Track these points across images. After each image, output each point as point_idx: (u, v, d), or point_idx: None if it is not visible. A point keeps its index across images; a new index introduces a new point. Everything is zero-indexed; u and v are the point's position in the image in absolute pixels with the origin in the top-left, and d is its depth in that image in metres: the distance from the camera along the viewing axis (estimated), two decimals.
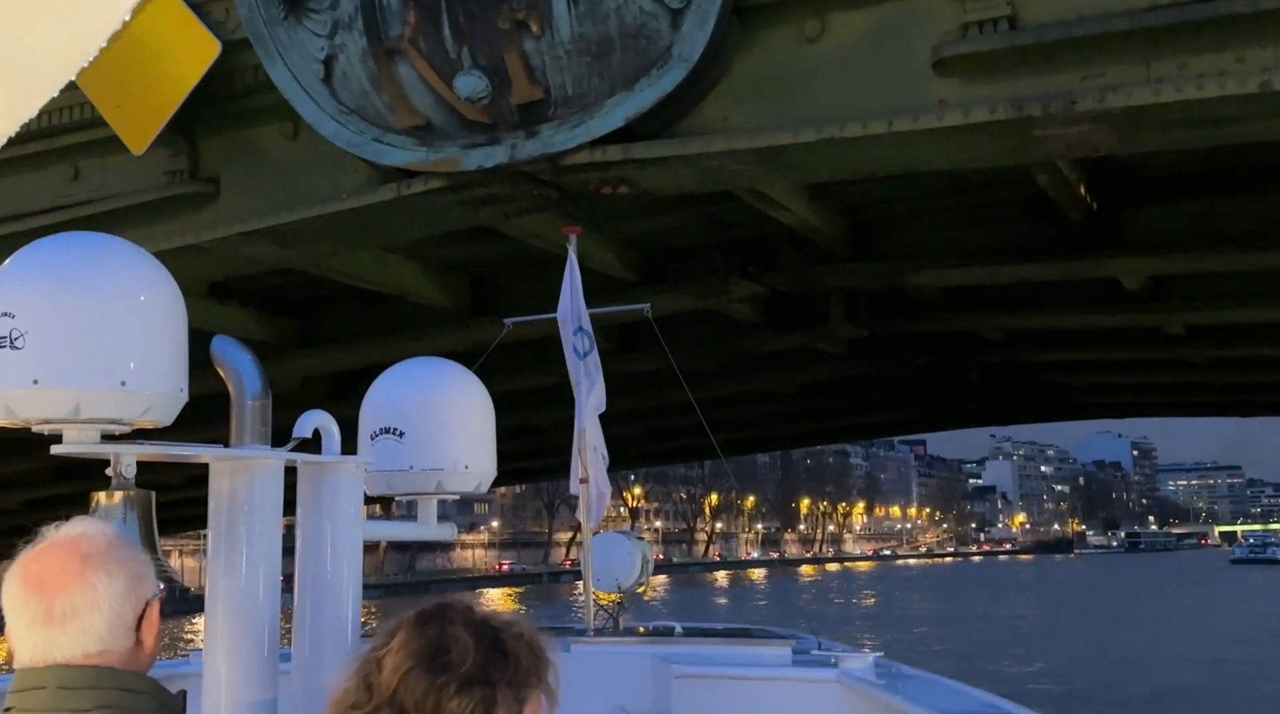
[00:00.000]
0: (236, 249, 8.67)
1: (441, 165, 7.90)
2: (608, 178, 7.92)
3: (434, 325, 12.17)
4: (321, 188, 8.37)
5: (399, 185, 8.06)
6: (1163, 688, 26.04)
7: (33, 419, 2.66)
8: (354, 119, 7.96)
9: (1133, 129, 6.96)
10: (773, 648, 5.69)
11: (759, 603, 63.98)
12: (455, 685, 1.58)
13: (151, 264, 2.77)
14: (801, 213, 10.02)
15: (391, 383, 3.69)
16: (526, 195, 8.29)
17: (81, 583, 1.76)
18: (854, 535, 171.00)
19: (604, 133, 7.56)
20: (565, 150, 7.66)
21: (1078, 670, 28.64)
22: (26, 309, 2.60)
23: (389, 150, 7.98)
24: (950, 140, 7.20)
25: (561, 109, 7.64)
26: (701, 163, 7.72)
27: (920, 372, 17.35)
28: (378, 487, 3.56)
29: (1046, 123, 6.81)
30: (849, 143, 7.23)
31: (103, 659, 1.77)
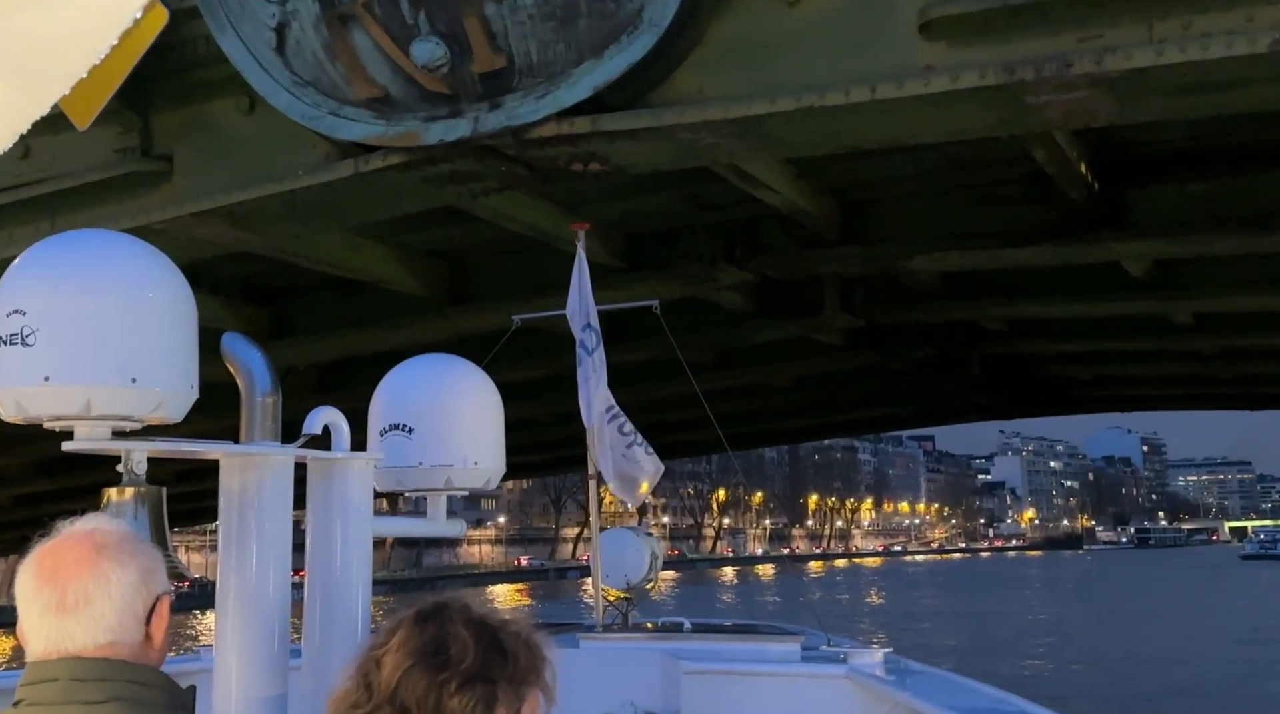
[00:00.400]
0: (190, 231, 8.21)
1: (401, 140, 7.44)
2: (577, 153, 7.45)
3: (411, 315, 11.71)
4: (278, 165, 7.92)
5: (357, 162, 7.60)
6: (1173, 686, 25.53)
7: (44, 416, 2.68)
8: (309, 91, 7.50)
9: (1134, 95, 6.46)
10: (782, 644, 5.62)
11: (767, 598, 63.54)
12: (456, 683, 1.58)
13: (161, 261, 2.78)
14: (788, 193, 9.52)
15: (401, 379, 3.69)
16: (493, 172, 7.82)
17: (94, 572, 1.78)
18: (862, 531, 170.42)
19: (571, 104, 7.08)
20: (530, 123, 7.18)
21: (1087, 669, 28.12)
22: (37, 306, 2.61)
23: (346, 124, 7.52)
24: (938, 109, 6.72)
25: (526, 79, 7.17)
26: (675, 136, 7.24)
27: (921, 364, 16.67)
28: (387, 483, 3.57)
29: (1040, 88, 6.32)
30: (830, 112, 6.75)
31: (113, 651, 1.78)
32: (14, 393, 2.64)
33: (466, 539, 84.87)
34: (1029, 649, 34.03)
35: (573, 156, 7.51)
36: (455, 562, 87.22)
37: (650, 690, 5.46)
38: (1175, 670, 28.11)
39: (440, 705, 1.58)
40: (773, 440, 32.92)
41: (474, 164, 7.64)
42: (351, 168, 7.61)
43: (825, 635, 6.11)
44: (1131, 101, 6.56)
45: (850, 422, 25.42)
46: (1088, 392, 20.86)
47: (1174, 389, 20.80)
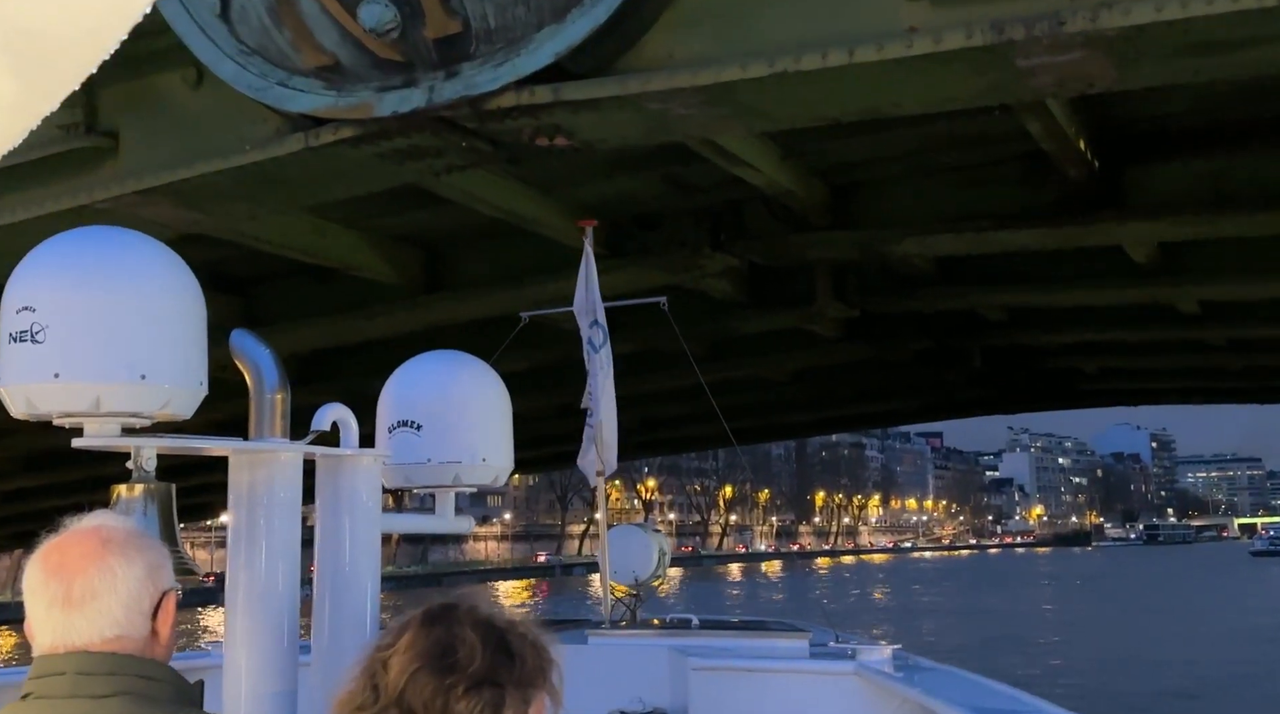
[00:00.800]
0: (135, 212, 7.73)
1: (352, 112, 6.96)
2: (540, 125, 6.96)
3: (385, 303, 11.24)
4: (226, 140, 7.44)
5: (307, 135, 7.12)
6: (1180, 686, 25.03)
7: (53, 413, 2.69)
8: (255, 60, 7.02)
9: (1132, 56, 5.96)
10: (790, 640, 5.62)
11: (774, 596, 63.11)
12: (463, 686, 1.58)
13: (171, 258, 2.80)
14: (772, 174, 9.02)
15: (409, 376, 3.70)
16: (454, 147, 7.34)
17: (101, 566, 1.80)
18: (869, 528, 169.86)
19: (531, 71, 6.59)
20: (489, 92, 6.69)
21: (1096, 668, 27.63)
22: (47, 303, 2.62)
23: (295, 95, 7.04)
24: (923, 75, 6.22)
25: (484, 45, 6.69)
26: (643, 106, 6.75)
27: (921, 357, 16.12)
28: (396, 480, 3.58)
29: (1031, 48, 5.82)
30: (806, 78, 6.25)
31: (120, 646, 1.79)
32: (24, 390, 2.66)
33: (472, 536, 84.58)
34: (1038, 647, 33.55)
35: (536, 129, 7.03)
36: (461, 558, 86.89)
37: (658, 686, 5.48)
38: (1183, 670, 27.59)
39: (447, 709, 1.58)
40: (772, 435, 32.25)
41: (431, 138, 7.16)
42: (301, 142, 7.13)
43: (833, 632, 6.05)
44: (1130, 64, 6.05)
45: (851, 416, 24.68)
46: (1093, 385, 20.10)
47: (1182, 382, 19.98)
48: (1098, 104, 8.39)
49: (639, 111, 6.84)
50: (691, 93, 6.54)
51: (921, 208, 10.04)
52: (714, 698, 5.21)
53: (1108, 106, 8.48)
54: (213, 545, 58.20)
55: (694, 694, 5.28)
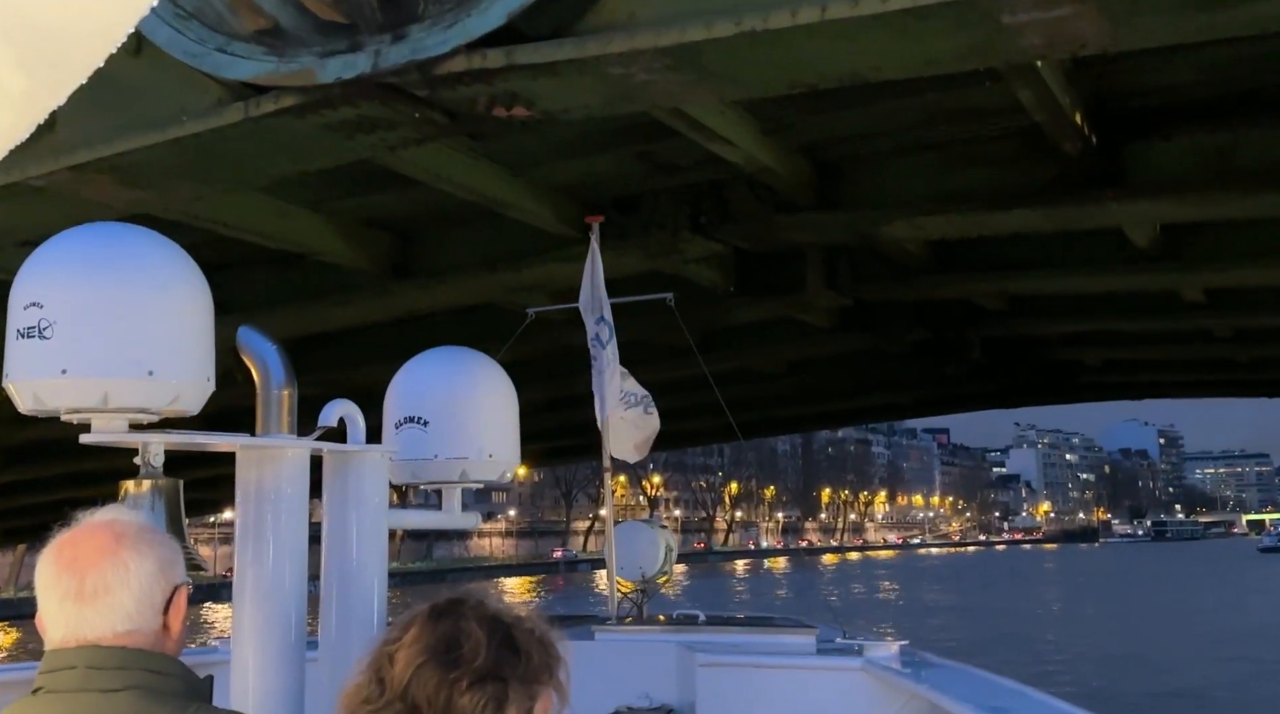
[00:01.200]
0: (76, 190, 7.31)
1: (294, 78, 6.50)
2: (496, 92, 6.49)
3: (354, 290, 10.77)
4: (167, 112, 6.99)
5: (248, 104, 6.68)
6: (1189, 687, 24.57)
7: (61, 408, 2.71)
8: (193, 25, 6.57)
9: (1128, 13, 5.49)
10: (797, 636, 5.61)
11: (780, 593, 62.72)
12: (467, 681, 1.58)
13: (178, 254, 2.82)
14: (752, 151, 8.52)
15: (415, 372, 3.75)
16: (406, 119, 6.88)
17: (114, 560, 1.82)
18: (876, 524, 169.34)
19: (483, 32, 6.13)
20: (438, 55, 6.23)
21: (1103, 669, 27.19)
22: (55, 299, 2.63)
23: (234, 62, 6.58)
24: (902, 32, 5.74)
25: (433, 6, 6.23)
26: (604, 70, 6.27)
27: (919, 348, 15.50)
28: (403, 476, 3.61)
29: (1018, 3, 5.35)
30: (776, 38, 5.78)
31: (131, 640, 1.81)
32: (32, 385, 2.67)
33: (477, 532, 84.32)
34: (1045, 645, 33.15)
35: (491, 98, 6.56)
36: (466, 554, 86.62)
37: (665, 682, 5.51)
38: (1191, 668, 27.14)
39: (451, 703, 1.57)
40: (768, 430, 31.46)
41: (381, 108, 6.69)
42: (241, 112, 6.68)
43: (840, 629, 6.03)
44: (1125, 21, 5.57)
45: (850, 411, 23.94)
46: (1097, 377, 19.27)
47: (1187, 374, 19.22)
48: (1094, 73, 7.89)
49: (600, 77, 6.36)
50: (654, 55, 6.06)
51: (911, 187, 9.45)
52: (721, 694, 5.22)
53: (1105, 76, 7.98)
54: (216, 542, 57.89)
55: (701, 690, 5.28)
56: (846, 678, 5.07)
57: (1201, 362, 17.70)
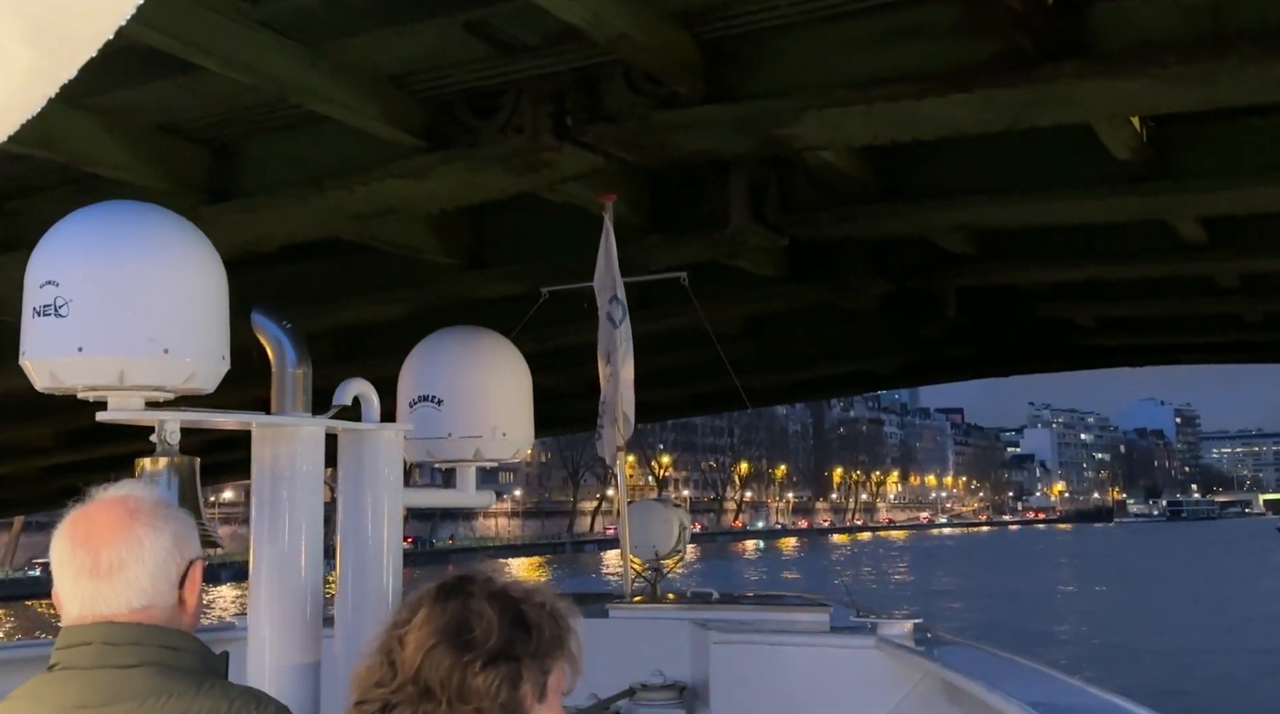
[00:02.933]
0: None
1: None
2: None
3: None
4: None
5: None
6: (1211, 675, 24.57)
7: (78, 386, 2.73)
8: None
9: None
10: (810, 614, 5.66)
11: (791, 576, 62.93)
12: (480, 662, 1.59)
13: (193, 232, 2.85)
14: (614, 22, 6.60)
15: (430, 351, 3.80)
16: None
17: (128, 537, 1.84)
18: (888, 504, 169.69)
19: None
20: None
21: (1125, 660, 27.19)
22: (70, 277, 2.65)
23: None
24: None
25: None
26: None
27: (887, 305, 13.05)
28: (417, 454, 3.66)
29: None
30: None
31: (147, 615, 1.84)
32: (48, 363, 2.69)
33: (483, 512, 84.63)
34: (1059, 628, 33.15)
35: None
36: (471, 535, 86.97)
37: (679, 660, 5.53)
38: (1211, 656, 27.13)
39: (464, 685, 1.58)
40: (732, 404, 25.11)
41: None
42: None
43: (853, 607, 6.05)
44: None
45: (822, 380, 20.24)
46: (1091, 339, 17.09)
47: (1191, 335, 16.67)
48: None
49: None
50: None
51: (822, 69, 7.38)
52: (735, 671, 5.26)
53: None
54: (215, 522, 58.23)
55: (715, 667, 5.32)
56: (860, 655, 5.08)
57: (1205, 319, 15.44)
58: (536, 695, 1.63)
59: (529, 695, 1.62)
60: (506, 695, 1.60)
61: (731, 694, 5.24)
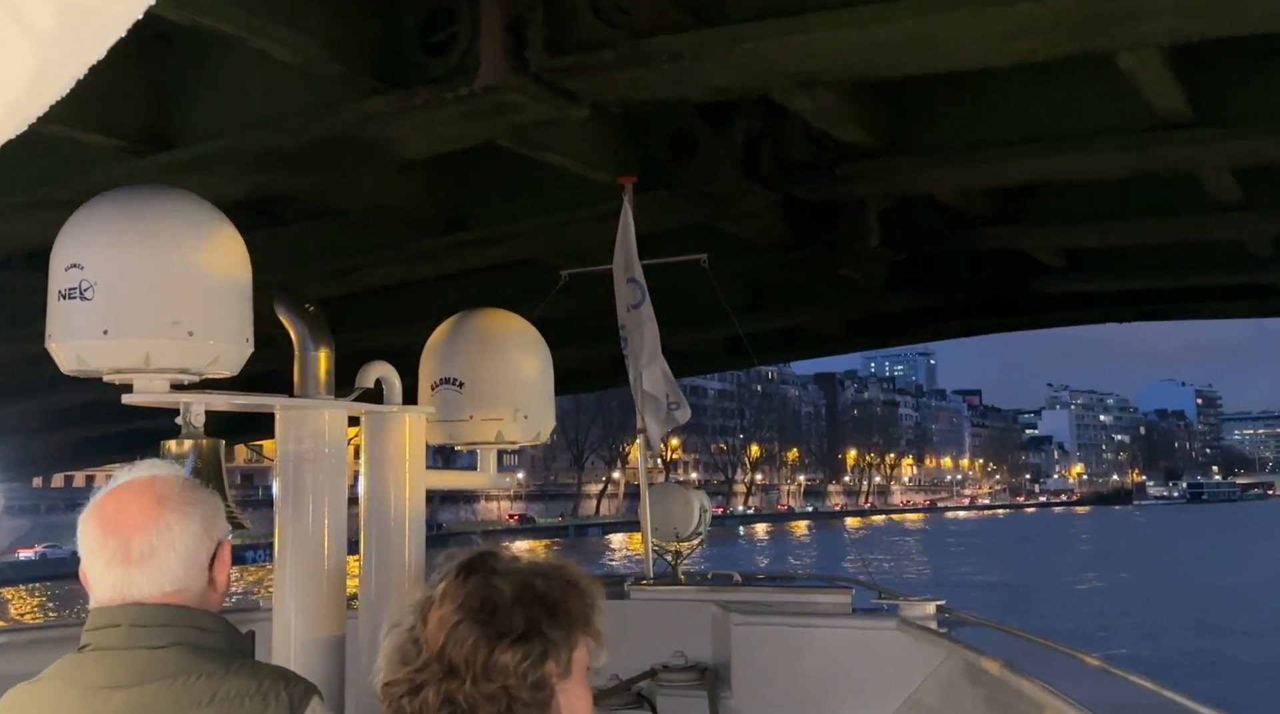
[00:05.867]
0: None
1: None
2: None
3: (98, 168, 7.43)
4: None
5: None
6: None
7: (104, 369, 2.78)
8: None
9: None
10: (832, 596, 5.68)
11: (804, 559, 63.02)
12: (504, 639, 1.60)
13: (217, 216, 2.90)
14: None
15: (451, 333, 3.85)
16: None
17: (158, 524, 1.89)
18: (902, 487, 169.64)
19: None
20: None
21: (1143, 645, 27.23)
22: (95, 261, 2.72)
23: None
24: None
25: None
26: None
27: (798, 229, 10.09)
28: (439, 436, 3.73)
29: None
30: None
31: (178, 598, 1.89)
32: (74, 346, 2.75)
33: (484, 495, 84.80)
34: (1082, 619, 33.20)
35: None
36: (473, 518, 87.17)
37: (700, 641, 5.58)
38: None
39: (490, 662, 1.59)
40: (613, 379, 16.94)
41: None
42: None
43: (876, 587, 6.17)
44: None
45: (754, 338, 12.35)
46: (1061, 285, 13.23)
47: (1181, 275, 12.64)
48: None
49: None
50: None
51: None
52: (756, 652, 5.30)
53: None
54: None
55: (736, 649, 5.37)
56: (882, 637, 5.12)
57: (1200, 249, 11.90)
58: (562, 671, 1.64)
59: (554, 672, 1.63)
60: (532, 672, 1.61)
61: (753, 675, 5.28)
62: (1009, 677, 4.03)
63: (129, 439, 17.83)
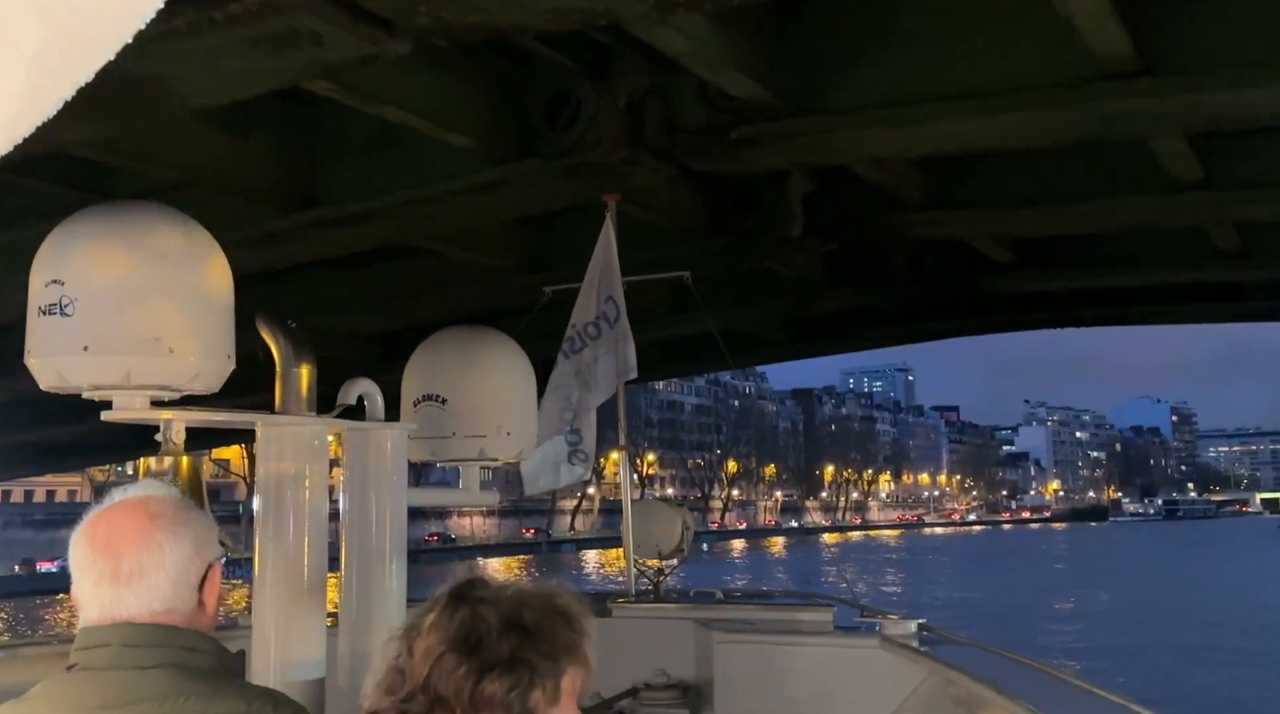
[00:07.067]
0: None
1: None
2: None
3: None
4: None
5: None
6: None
7: (84, 385, 2.75)
8: None
9: None
10: (814, 614, 5.69)
11: (780, 574, 63.06)
12: (491, 669, 1.60)
13: (199, 232, 2.87)
14: None
15: (434, 350, 3.86)
16: None
17: (148, 543, 1.88)
18: (879, 503, 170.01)
19: None
20: None
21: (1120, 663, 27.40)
22: (76, 276, 2.69)
23: None
24: None
25: None
26: None
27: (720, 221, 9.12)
28: (421, 453, 3.74)
29: None
30: None
31: (167, 618, 1.88)
32: (54, 362, 2.73)
33: (457, 511, 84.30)
34: (1059, 637, 33.34)
35: None
36: (445, 534, 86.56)
37: (683, 658, 5.60)
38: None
39: (476, 692, 1.58)
40: None
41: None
42: None
43: (857, 606, 6.19)
44: None
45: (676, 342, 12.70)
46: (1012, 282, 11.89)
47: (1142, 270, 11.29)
48: None
49: None
50: None
51: None
52: (738, 671, 5.31)
53: None
54: None
55: (719, 667, 5.38)
56: (864, 654, 5.14)
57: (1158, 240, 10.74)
58: (549, 699, 1.64)
59: (541, 700, 1.63)
60: (519, 702, 1.61)
61: (735, 694, 5.30)
62: (990, 695, 4.06)
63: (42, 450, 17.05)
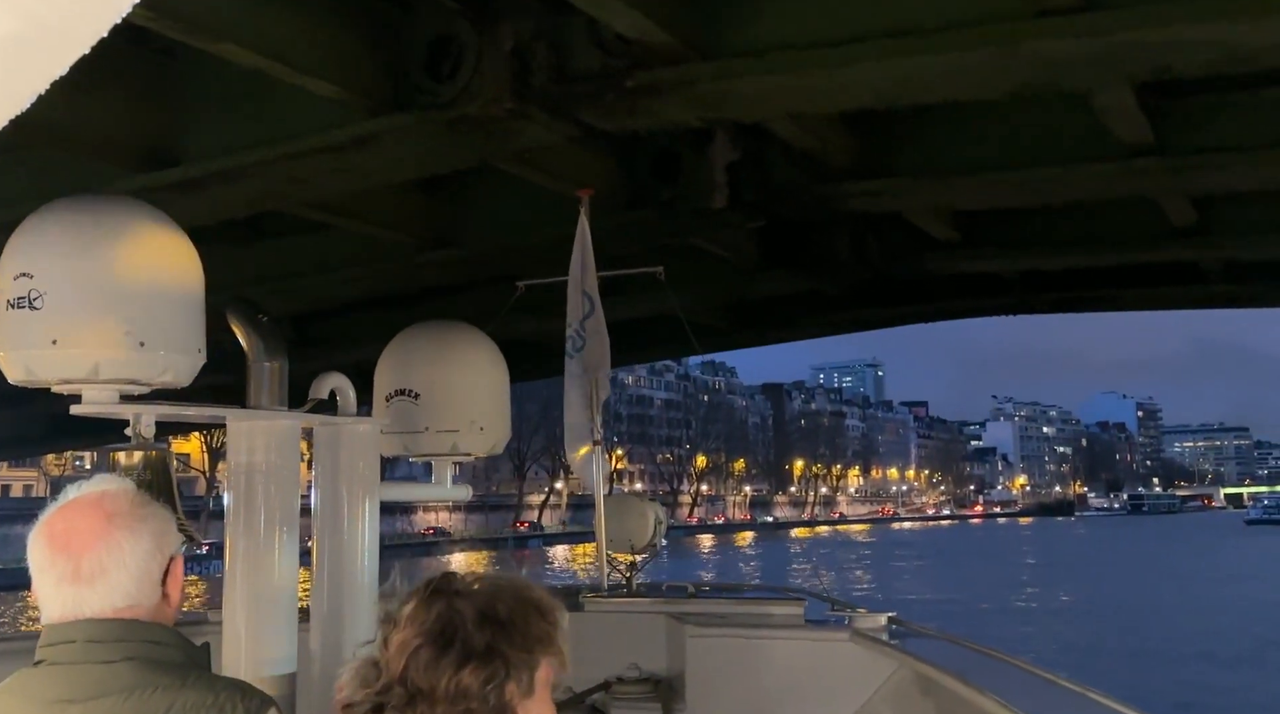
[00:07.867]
0: None
1: None
2: None
3: None
4: None
5: None
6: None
7: (52, 379, 2.76)
8: None
9: None
10: (785, 607, 5.73)
11: (751, 568, 63.24)
12: (465, 662, 1.62)
13: (169, 226, 2.86)
14: None
15: (406, 345, 3.86)
16: None
17: (107, 542, 1.89)
18: (849, 498, 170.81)
19: None
20: None
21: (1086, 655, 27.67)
22: (45, 270, 2.68)
23: None
24: None
25: None
26: None
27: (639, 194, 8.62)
28: (394, 448, 3.77)
29: None
30: None
31: (130, 613, 1.90)
32: (23, 356, 2.72)
33: (423, 506, 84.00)
34: (1031, 631, 33.64)
35: None
36: (410, 530, 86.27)
37: (655, 652, 5.65)
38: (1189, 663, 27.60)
39: (452, 684, 1.61)
40: None
41: None
42: None
43: (829, 599, 6.23)
44: None
45: None
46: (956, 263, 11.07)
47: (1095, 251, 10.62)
48: None
49: None
50: None
51: None
52: (710, 664, 5.35)
53: None
54: None
55: (690, 661, 5.41)
56: (834, 648, 5.18)
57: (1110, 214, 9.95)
58: (524, 691, 1.66)
59: (516, 692, 1.65)
60: (494, 694, 1.63)
61: (707, 687, 5.33)
62: (959, 688, 4.11)
63: None
